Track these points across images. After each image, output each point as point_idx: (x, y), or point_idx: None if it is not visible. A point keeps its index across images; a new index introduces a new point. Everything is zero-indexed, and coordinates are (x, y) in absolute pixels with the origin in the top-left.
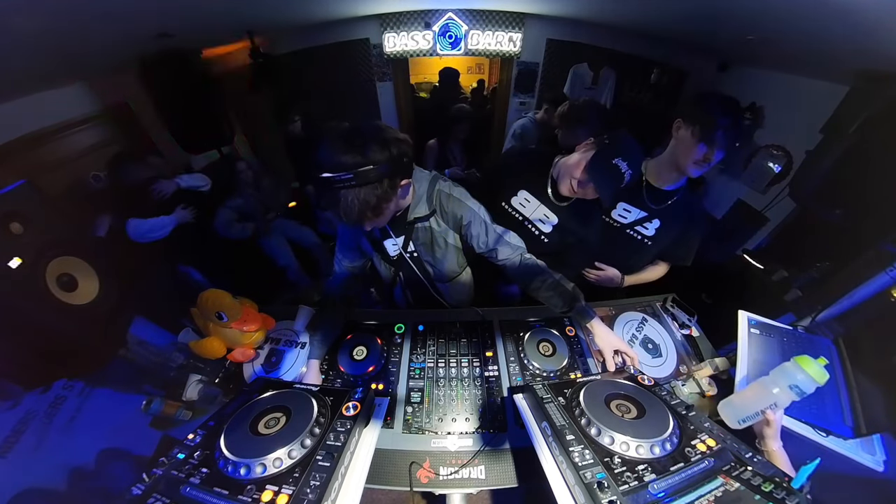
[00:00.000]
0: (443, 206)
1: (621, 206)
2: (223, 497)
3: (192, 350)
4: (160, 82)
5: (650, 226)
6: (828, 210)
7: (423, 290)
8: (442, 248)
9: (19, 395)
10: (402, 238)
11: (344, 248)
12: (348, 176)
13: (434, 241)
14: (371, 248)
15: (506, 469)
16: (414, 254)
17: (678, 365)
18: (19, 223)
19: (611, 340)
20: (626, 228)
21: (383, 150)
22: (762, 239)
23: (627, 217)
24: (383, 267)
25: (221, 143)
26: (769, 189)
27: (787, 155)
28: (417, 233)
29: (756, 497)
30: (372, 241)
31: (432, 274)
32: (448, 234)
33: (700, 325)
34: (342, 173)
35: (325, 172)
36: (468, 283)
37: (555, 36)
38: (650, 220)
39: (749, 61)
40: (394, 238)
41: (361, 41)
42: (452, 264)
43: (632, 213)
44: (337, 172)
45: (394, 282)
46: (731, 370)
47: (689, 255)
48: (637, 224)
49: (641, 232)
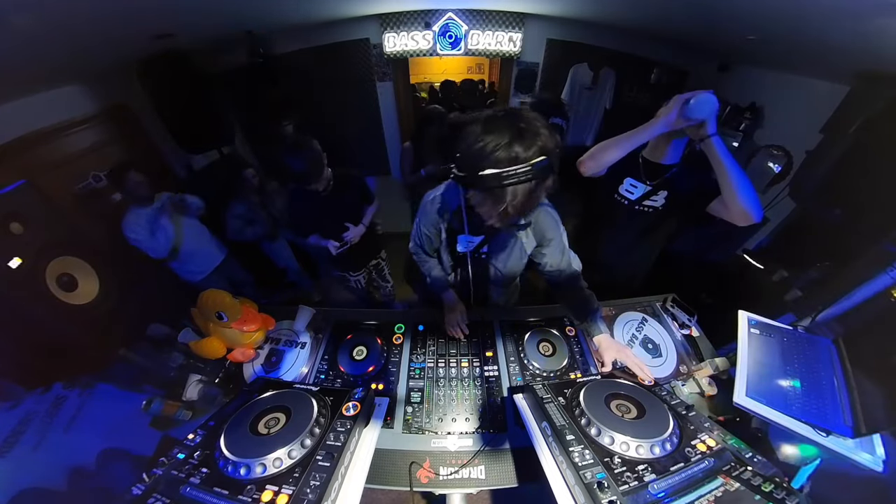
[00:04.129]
0: (539, 219)
1: (628, 182)
2: (223, 497)
3: (192, 350)
4: (160, 82)
5: (658, 198)
6: (828, 210)
7: (480, 288)
8: (518, 256)
9: (20, 395)
10: (482, 238)
11: (423, 237)
12: (525, 169)
13: (514, 248)
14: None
15: (506, 469)
16: (483, 255)
17: (678, 365)
18: (19, 223)
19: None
20: (635, 205)
21: (551, 137)
22: (762, 239)
23: (634, 192)
24: (447, 258)
25: (222, 142)
26: (769, 189)
27: (787, 155)
28: (500, 237)
29: (756, 497)
30: (447, 230)
31: (493, 276)
32: (530, 246)
33: (700, 325)
34: (518, 167)
35: (488, 167)
36: (517, 288)
37: (555, 36)
38: (656, 193)
39: (749, 61)
40: (469, 236)
41: (361, 41)
42: (518, 272)
43: (638, 187)
44: (509, 166)
45: (452, 275)
46: (731, 370)
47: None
48: (645, 199)
49: (651, 205)
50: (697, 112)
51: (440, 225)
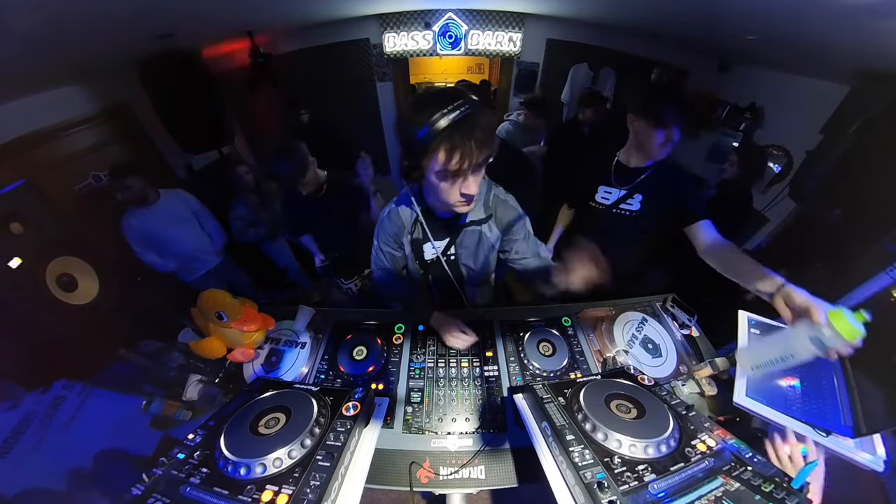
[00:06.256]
0: (497, 211)
1: (601, 190)
2: (223, 497)
3: (192, 350)
4: (160, 82)
5: (633, 201)
6: (828, 210)
7: (453, 291)
8: (485, 252)
9: (19, 395)
10: (446, 242)
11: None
12: (450, 108)
13: (480, 245)
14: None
15: (506, 469)
16: (452, 257)
17: (678, 365)
18: (19, 223)
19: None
20: (611, 209)
21: (469, 95)
22: (762, 239)
23: (609, 198)
24: (414, 269)
25: (222, 142)
26: (769, 189)
27: (787, 155)
28: (464, 236)
29: (756, 497)
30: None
31: (466, 277)
32: (495, 239)
33: (700, 325)
34: (443, 110)
35: (419, 126)
36: (492, 284)
37: (555, 36)
38: (632, 196)
39: (749, 61)
40: (433, 242)
41: (361, 41)
42: (490, 268)
43: (612, 193)
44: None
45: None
46: (731, 370)
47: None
48: (621, 202)
49: (627, 208)
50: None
51: (401, 239)
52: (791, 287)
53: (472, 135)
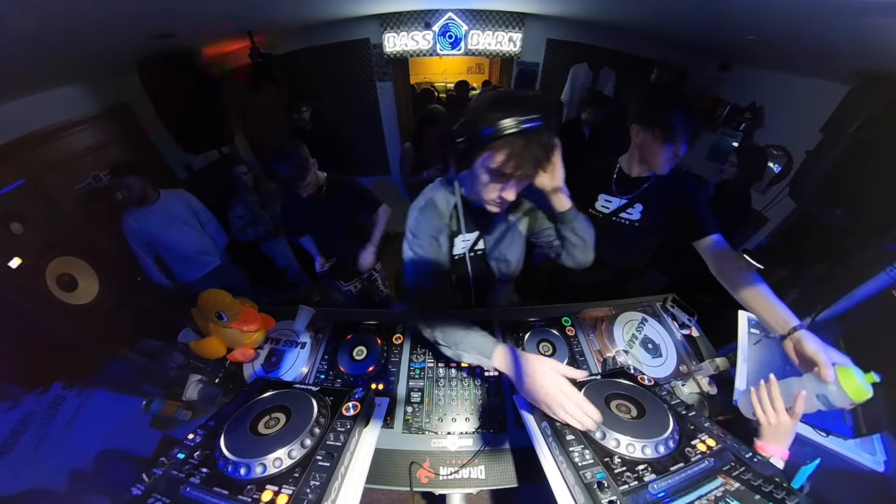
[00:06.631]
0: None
1: (602, 198)
2: (223, 497)
3: (192, 350)
4: (160, 82)
5: (634, 210)
6: (828, 210)
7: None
8: (518, 244)
9: (19, 395)
10: (475, 235)
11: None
12: (519, 121)
13: (512, 235)
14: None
15: (506, 469)
16: (479, 252)
17: (678, 365)
18: (19, 223)
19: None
20: (611, 216)
21: (546, 103)
22: (762, 239)
23: (609, 207)
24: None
25: (222, 143)
26: (769, 189)
27: (787, 155)
28: (495, 226)
29: (756, 497)
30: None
31: (497, 273)
32: (525, 227)
33: (700, 325)
34: (513, 119)
35: (488, 124)
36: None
37: (555, 36)
38: (632, 206)
39: (749, 61)
40: (465, 234)
41: (361, 41)
42: (521, 261)
43: (612, 202)
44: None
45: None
46: (731, 370)
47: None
48: (620, 211)
49: (627, 217)
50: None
51: (440, 233)
52: (804, 333)
53: (534, 151)
